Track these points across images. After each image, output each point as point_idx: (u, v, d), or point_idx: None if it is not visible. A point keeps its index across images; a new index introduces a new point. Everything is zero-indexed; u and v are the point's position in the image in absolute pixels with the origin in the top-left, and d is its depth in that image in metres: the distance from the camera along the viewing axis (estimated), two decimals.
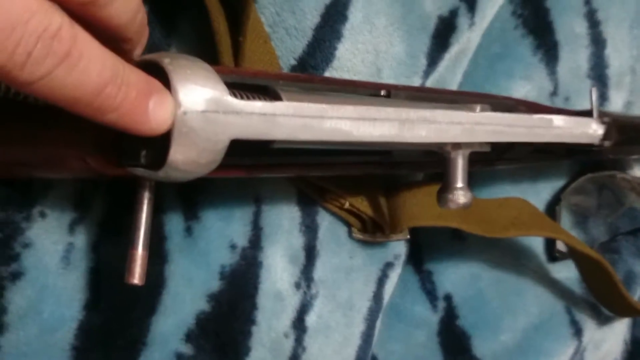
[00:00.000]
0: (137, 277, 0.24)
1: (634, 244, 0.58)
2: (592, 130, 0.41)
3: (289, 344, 0.35)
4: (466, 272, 0.49)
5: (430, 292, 0.48)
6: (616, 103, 0.58)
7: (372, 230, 0.40)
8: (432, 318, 0.47)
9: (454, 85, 0.46)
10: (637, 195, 0.59)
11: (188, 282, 0.31)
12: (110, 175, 0.24)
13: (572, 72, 0.54)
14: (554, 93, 0.53)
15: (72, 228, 0.30)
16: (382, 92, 0.30)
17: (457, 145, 0.32)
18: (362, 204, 0.39)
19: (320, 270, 0.37)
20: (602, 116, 0.44)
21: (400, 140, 0.28)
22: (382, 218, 0.39)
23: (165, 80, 0.21)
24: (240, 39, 0.31)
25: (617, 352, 0.59)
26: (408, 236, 0.40)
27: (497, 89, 0.50)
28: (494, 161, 0.40)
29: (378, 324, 0.41)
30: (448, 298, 0.48)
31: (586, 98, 0.56)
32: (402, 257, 0.43)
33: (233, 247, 0.32)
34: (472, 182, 0.49)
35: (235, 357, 0.33)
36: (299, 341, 0.35)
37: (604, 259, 0.47)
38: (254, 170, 0.27)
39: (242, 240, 0.33)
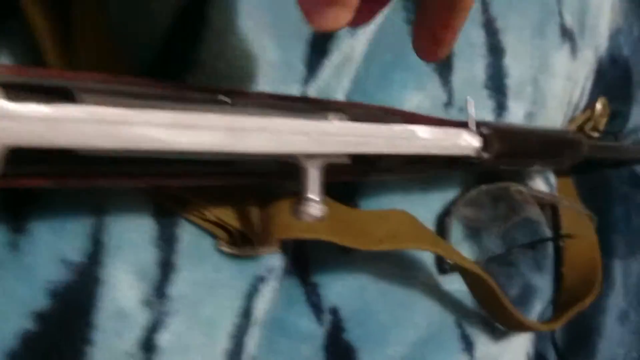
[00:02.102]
0: None
1: (532, 257, 0.58)
2: (465, 142, 0.40)
3: None
4: (353, 285, 0.47)
5: (316, 305, 0.46)
6: (516, 114, 0.58)
7: (241, 243, 0.38)
8: (317, 332, 0.46)
9: (340, 94, 0.45)
10: (534, 207, 0.59)
11: (10, 299, 0.29)
12: None
13: (468, 82, 0.53)
14: (448, 103, 0.52)
15: None
16: (223, 98, 0.29)
17: (309, 156, 0.31)
18: (228, 216, 0.38)
19: (179, 286, 0.35)
20: (481, 127, 0.43)
21: (232, 150, 0.26)
22: (250, 230, 0.38)
23: None
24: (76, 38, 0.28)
25: None
26: (278, 249, 0.39)
27: (389, 99, 0.49)
28: (365, 172, 0.39)
29: (248, 340, 0.39)
30: (334, 311, 0.47)
31: (484, 109, 0.56)
32: (278, 271, 0.41)
33: (66, 262, 0.30)
34: (359, 192, 0.48)
35: None
36: None
37: (485, 274, 0.46)
38: (65, 180, 0.25)
39: (77, 256, 0.30)
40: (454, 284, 0.51)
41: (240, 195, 0.38)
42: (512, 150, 0.47)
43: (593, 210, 0.72)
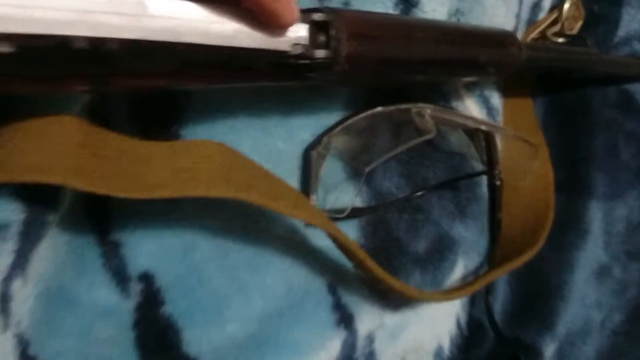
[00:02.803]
0: None
1: (452, 200, 0.44)
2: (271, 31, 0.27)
3: None
4: (175, 243, 0.35)
5: (118, 270, 0.35)
6: (435, 11, 0.44)
7: None
8: (122, 305, 0.35)
9: None
10: (456, 135, 0.45)
11: None
12: None
13: None
14: None
15: None
16: None
17: None
18: None
19: None
20: (313, 13, 0.30)
21: None
22: None
23: None
24: None
25: (440, 339, 0.46)
26: None
27: None
28: (98, 76, 0.26)
29: None
30: (147, 278, 0.35)
31: (379, 3, 0.42)
32: (16, 228, 0.30)
33: None
34: (183, 116, 0.35)
35: None
36: None
37: (340, 234, 0.33)
38: None
39: None
40: (328, 239, 0.38)
41: None
42: (384, 51, 0.33)
43: (568, 139, 0.57)
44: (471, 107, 0.46)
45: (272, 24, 0.27)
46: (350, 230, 0.40)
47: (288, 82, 0.33)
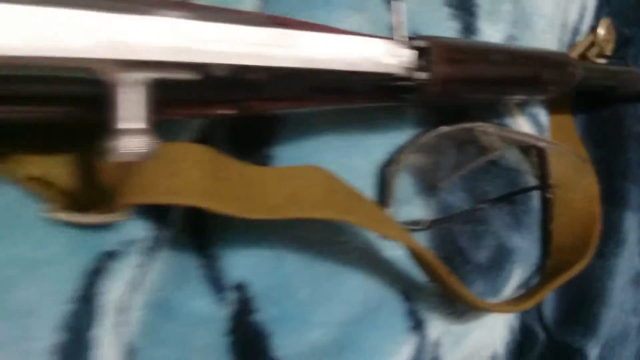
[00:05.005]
0: None
1: (509, 213, 0.47)
2: (388, 56, 0.30)
3: None
4: (267, 255, 0.38)
5: (216, 281, 0.37)
6: (491, 37, 0.47)
7: (80, 208, 0.29)
8: (218, 314, 0.37)
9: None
10: (512, 152, 0.48)
11: None
12: None
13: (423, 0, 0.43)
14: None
15: None
16: None
17: (120, 66, 0.22)
18: (60, 172, 0.29)
19: None
20: (415, 39, 0.33)
21: None
22: (91, 192, 0.29)
23: None
24: None
25: (496, 345, 0.49)
26: (126, 216, 0.30)
27: (316, 20, 0.39)
28: (243, 101, 0.29)
29: (96, 333, 0.31)
30: (241, 288, 0.38)
31: (445, 31, 0.45)
32: (143, 243, 0.32)
33: None
34: (275, 138, 0.39)
35: None
36: None
37: (420, 249, 0.36)
38: None
39: None
40: (400, 249, 0.41)
41: (82, 143, 0.29)
42: (468, 73, 0.36)
43: (604, 154, 0.61)
44: (523, 125, 0.49)
45: None
46: (421, 242, 0.43)
47: (382, 102, 0.36)
